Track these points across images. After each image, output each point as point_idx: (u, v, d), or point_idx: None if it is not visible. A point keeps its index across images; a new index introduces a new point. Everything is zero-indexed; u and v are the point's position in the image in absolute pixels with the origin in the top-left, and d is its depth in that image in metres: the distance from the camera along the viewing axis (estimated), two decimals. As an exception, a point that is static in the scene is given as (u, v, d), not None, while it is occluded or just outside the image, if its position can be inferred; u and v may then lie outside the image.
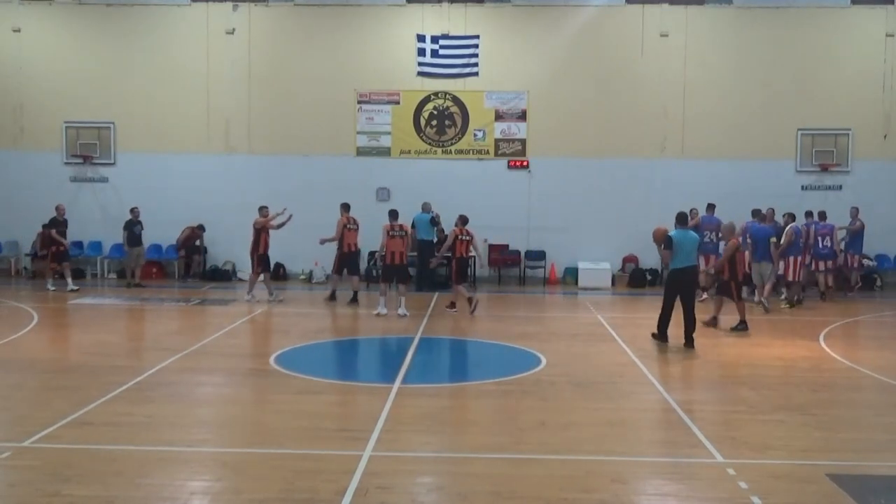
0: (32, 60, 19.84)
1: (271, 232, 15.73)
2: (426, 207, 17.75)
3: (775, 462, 6.23)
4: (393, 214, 14.59)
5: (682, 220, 11.96)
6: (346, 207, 15.63)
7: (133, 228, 17.66)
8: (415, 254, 18.31)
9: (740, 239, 14.45)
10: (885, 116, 19.27)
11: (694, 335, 11.17)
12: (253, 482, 5.66)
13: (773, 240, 16.08)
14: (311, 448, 6.51)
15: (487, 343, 11.61)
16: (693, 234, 12.15)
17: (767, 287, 15.21)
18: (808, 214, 17.03)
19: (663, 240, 11.56)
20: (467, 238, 14.60)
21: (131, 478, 5.70)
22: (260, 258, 15.48)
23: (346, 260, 15.45)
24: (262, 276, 15.62)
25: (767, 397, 8.30)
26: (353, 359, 11.43)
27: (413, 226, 17.88)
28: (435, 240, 18.32)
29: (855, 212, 17.69)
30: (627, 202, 19.43)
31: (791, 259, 15.72)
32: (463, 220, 14.73)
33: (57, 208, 17.37)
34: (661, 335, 11.53)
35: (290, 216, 15.81)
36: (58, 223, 17.12)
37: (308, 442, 6.68)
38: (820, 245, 16.55)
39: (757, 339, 12.00)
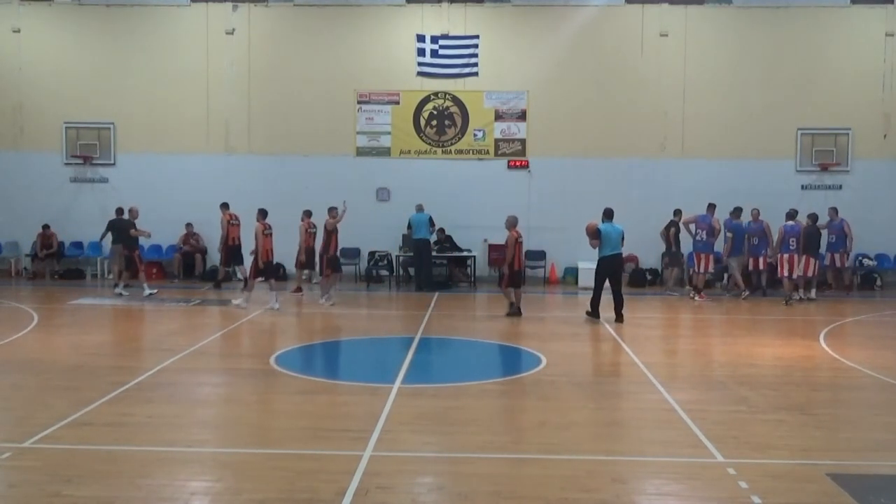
0: (32, 60, 19.85)
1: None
2: (420, 208, 17.85)
3: (775, 461, 6.23)
4: (264, 213, 15.00)
5: (608, 214, 13.90)
6: (307, 214, 16.82)
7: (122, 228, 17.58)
8: (412, 254, 18.38)
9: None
10: (885, 116, 19.26)
11: (623, 311, 13.22)
12: (253, 482, 5.66)
13: (753, 237, 16.94)
14: (311, 448, 6.51)
15: (487, 343, 11.61)
16: (619, 227, 13.71)
17: (737, 278, 16.76)
18: (709, 207, 17.21)
19: (594, 232, 13.34)
20: (314, 230, 16.04)
21: (131, 478, 5.70)
22: (329, 260, 15.45)
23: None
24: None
25: (767, 397, 8.30)
26: (353, 359, 11.42)
27: (409, 226, 18.00)
28: (434, 238, 18.43)
29: (833, 212, 17.74)
30: (627, 202, 19.36)
31: (785, 257, 16.16)
32: (308, 214, 16.24)
33: (130, 210, 16.76)
34: (593, 313, 13.35)
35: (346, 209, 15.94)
36: (130, 225, 16.63)
37: (308, 442, 6.67)
38: (700, 237, 16.94)
39: (757, 338, 12.01)
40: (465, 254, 18.93)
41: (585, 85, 19.54)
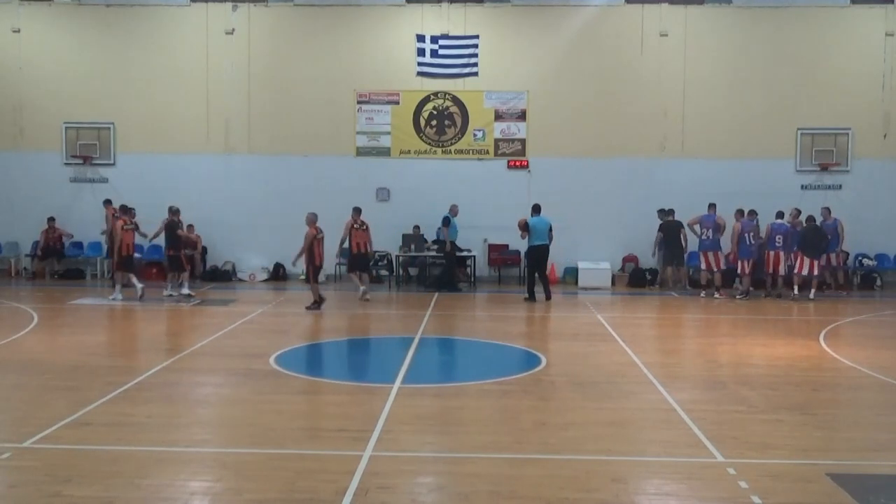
0: (32, 60, 19.85)
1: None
2: (453, 210, 18.11)
3: (775, 461, 6.23)
4: (125, 209, 16.05)
5: (536, 209, 15.87)
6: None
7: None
8: (413, 254, 18.40)
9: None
10: (885, 116, 19.27)
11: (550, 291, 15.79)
12: (253, 482, 5.66)
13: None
14: (311, 448, 6.51)
15: (487, 343, 11.61)
16: (546, 219, 15.73)
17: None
18: (751, 213, 17.19)
19: (524, 225, 15.53)
20: (131, 227, 16.08)
21: (131, 478, 5.70)
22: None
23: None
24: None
25: (767, 397, 8.30)
26: (353, 359, 11.42)
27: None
28: (433, 238, 18.57)
29: (826, 212, 17.75)
30: (627, 202, 19.46)
31: (771, 254, 16.67)
32: (124, 210, 16.14)
33: (175, 210, 16.59)
34: (530, 297, 15.69)
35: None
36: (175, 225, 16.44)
37: (308, 442, 6.67)
38: (748, 241, 16.89)
39: (757, 338, 12.01)
40: (465, 254, 18.93)
41: (585, 85, 19.54)
